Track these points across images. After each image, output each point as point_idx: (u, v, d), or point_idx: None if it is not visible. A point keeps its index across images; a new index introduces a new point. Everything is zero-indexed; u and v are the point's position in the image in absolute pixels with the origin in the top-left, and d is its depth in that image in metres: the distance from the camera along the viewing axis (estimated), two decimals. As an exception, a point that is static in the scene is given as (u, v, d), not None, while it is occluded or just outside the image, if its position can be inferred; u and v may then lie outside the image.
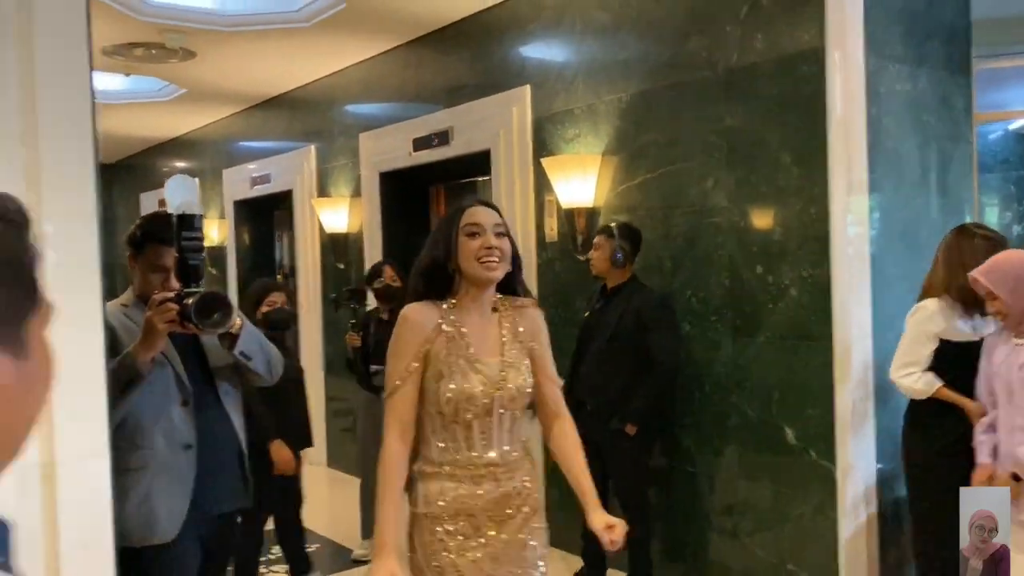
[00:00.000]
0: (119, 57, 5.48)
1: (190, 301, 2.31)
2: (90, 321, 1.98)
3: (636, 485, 3.78)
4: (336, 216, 6.29)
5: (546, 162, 4.38)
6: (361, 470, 4.85)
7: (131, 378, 2.35)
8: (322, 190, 6.57)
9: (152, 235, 2.57)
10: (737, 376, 3.66)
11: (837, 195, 3.29)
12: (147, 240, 2.57)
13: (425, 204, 6.00)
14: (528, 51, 4.68)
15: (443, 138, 5.20)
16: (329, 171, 6.51)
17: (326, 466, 6.55)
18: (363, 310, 4.77)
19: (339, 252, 6.38)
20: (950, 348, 3.09)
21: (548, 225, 4.56)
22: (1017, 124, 4.74)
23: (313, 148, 6.64)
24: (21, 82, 1.93)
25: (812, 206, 3.36)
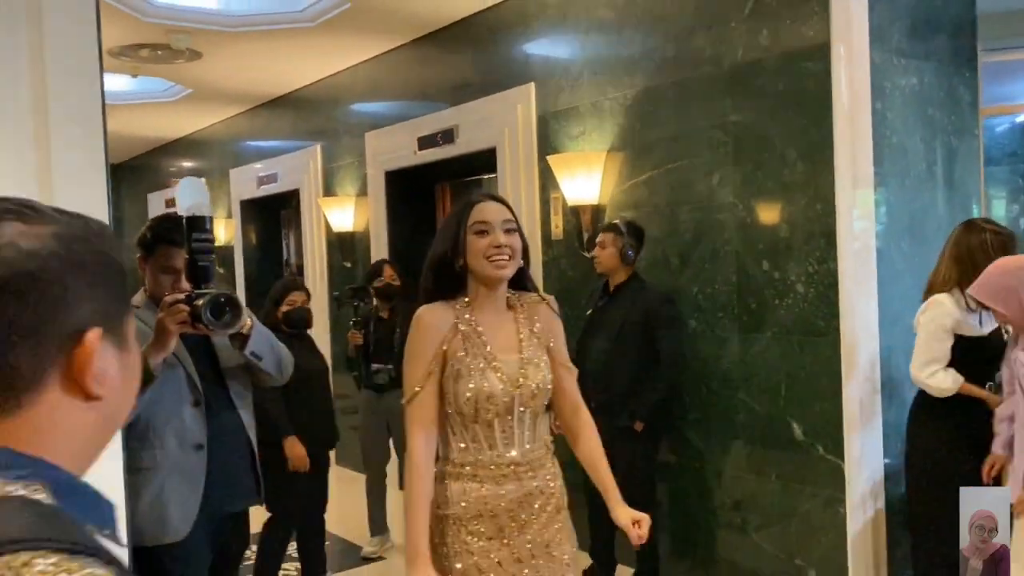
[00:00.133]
0: (125, 58, 5.50)
1: (201, 302, 2.33)
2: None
3: (643, 482, 3.79)
4: (342, 215, 6.30)
5: (551, 159, 4.39)
6: (364, 467, 4.87)
7: (143, 379, 2.37)
8: (328, 189, 6.59)
9: (163, 237, 2.59)
10: (744, 372, 3.67)
11: (843, 190, 3.28)
12: (158, 242, 2.60)
13: (431, 202, 6.01)
14: (533, 48, 4.68)
15: (448, 136, 5.20)
16: (335, 170, 6.53)
17: (334, 464, 6.55)
18: (367, 308, 4.79)
19: (346, 251, 6.40)
20: (962, 342, 3.07)
21: (554, 222, 4.57)
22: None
23: (319, 147, 6.65)
24: (33, 84, 1.95)
25: (818, 201, 3.36)
